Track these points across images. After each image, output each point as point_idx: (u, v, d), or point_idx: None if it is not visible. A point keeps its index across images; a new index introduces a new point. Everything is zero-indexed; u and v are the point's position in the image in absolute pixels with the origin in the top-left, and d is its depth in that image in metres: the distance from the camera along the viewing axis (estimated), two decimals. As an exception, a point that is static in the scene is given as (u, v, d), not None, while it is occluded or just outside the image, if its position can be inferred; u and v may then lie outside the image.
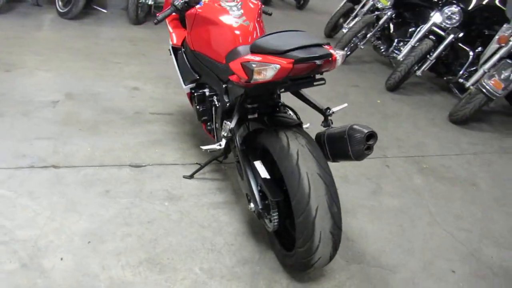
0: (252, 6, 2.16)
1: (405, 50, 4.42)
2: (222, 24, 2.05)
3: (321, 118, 1.95)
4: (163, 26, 5.31)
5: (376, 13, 4.98)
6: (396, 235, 2.28)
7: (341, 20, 6.12)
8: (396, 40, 4.89)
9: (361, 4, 5.45)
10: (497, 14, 4.11)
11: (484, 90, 3.57)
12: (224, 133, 2.05)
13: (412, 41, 4.41)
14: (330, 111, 1.86)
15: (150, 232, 2.03)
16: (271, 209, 1.77)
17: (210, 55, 2.15)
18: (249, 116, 1.92)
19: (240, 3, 2.14)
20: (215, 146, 2.15)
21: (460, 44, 4.32)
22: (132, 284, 1.74)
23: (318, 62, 1.46)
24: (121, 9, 6.02)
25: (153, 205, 2.22)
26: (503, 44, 3.68)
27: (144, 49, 4.59)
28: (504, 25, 3.71)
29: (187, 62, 2.39)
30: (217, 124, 2.27)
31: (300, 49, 1.45)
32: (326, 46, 1.53)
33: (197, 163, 2.56)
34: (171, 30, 2.58)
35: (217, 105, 2.21)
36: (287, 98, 2.13)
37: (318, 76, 1.73)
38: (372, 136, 1.63)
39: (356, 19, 5.13)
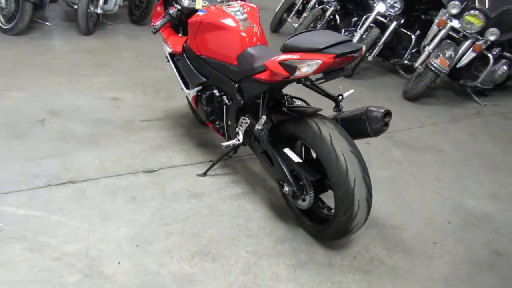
0: (252, 10, 2.36)
1: (355, 39, 4.83)
2: (230, 28, 2.23)
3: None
4: (116, 35, 5.32)
5: (321, 6, 5.35)
6: (395, 200, 2.62)
7: (284, 15, 6.45)
8: (343, 30, 5.31)
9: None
10: (433, 0, 4.65)
11: (432, 68, 4.07)
12: (241, 129, 2.24)
13: (361, 30, 4.83)
14: (342, 97, 2.13)
15: (189, 228, 2.17)
16: (307, 188, 2.01)
17: (219, 58, 2.32)
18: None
19: (241, 8, 2.34)
20: (234, 141, 2.34)
21: (402, 30, 4.82)
22: (193, 275, 1.89)
23: (355, 55, 1.72)
24: (63, 20, 5.87)
25: (181, 204, 2.35)
26: (441, 27, 4.20)
27: (106, 59, 4.57)
28: (442, 10, 4.23)
29: (191, 67, 2.53)
30: (229, 122, 2.44)
31: (336, 46, 1.69)
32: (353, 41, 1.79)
33: (210, 161, 2.71)
34: (165, 38, 2.69)
35: (228, 104, 2.38)
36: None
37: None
38: (388, 114, 1.92)
39: (305, 13, 5.47)
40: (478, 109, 4.37)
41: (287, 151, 2.05)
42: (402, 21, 4.78)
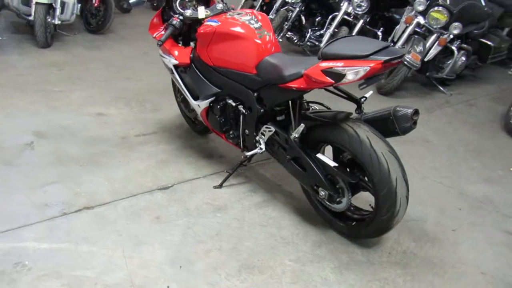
0: (263, 18, 2.35)
1: (326, 37, 4.96)
2: (247, 37, 2.21)
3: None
4: (75, 46, 5.06)
5: (286, 7, 5.43)
6: (406, 193, 2.73)
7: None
8: (310, 30, 5.42)
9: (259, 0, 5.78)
10: (396, -1, 4.90)
11: (406, 63, 4.28)
12: (262, 137, 2.24)
13: (330, 30, 4.97)
14: (365, 99, 2.19)
15: (226, 243, 2.14)
16: (344, 191, 2.05)
17: (236, 68, 2.29)
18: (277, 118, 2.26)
19: (253, 16, 2.33)
20: (257, 151, 2.33)
21: (368, 27, 5.03)
22: (246, 290, 1.86)
23: (402, 59, 1.77)
24: (13, 33, 5.48)
25: (209, 219, 2.30)
26: (408, 24, 4.43)
27: (74, 72, 4.33)
28: (408, 7, 4.47)
29: (203, 78, 2.48)
30: (246, 131, 2.41)
31: (379, 52, 1.73)
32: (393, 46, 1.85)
33: (226, 171, 2.67)
34: (168, 49, 2.60)
35: (245, 113, 2.36)
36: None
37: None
38: (416, 112, 2.01)
39: (271, 15, 5.51)
40: (445, 98, 4.66)
41: (321, 156, 2.08)
42: (367, 19, 4.97)
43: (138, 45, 5.30)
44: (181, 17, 2.49)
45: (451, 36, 4.35)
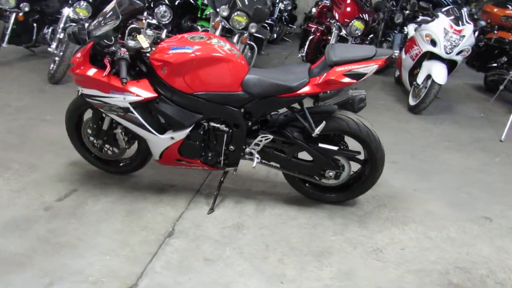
0: (223, 39, 2.48)
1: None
2: (227, 59, 2.32)
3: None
4: None
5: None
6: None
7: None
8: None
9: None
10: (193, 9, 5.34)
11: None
12: (256, 147, 2.47)
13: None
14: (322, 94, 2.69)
15: (282, 248, 2.29)
16: (345, 165, 2.55)
17: (219, 90, 2.34)
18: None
19: (217, 39, 2.42)
20: (256, 160, 2.52)
21: (170, 35, 5.32)
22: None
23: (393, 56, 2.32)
24: None
25: (242, 239, 2.35)
26: (216, 28, 5.03)
27: None
28: (212, 12, 5.03)
29: (180, 108, 2.37)
30: (231, 147, 2.51)
31: (376, 53, 2.26)
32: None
33: (215, 193, 2.65)
34: (112, 87, 2.31)
35: (231, 131, 2.46)
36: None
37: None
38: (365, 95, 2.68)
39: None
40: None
41: (323, 145, 2.49)
42: (170, 28, 5.26)
43: None
44: (124, 49, 2.27)
45: (250, 34, 5.22)
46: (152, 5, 5.11)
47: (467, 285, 2.10)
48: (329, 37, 5.30)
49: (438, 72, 4.49)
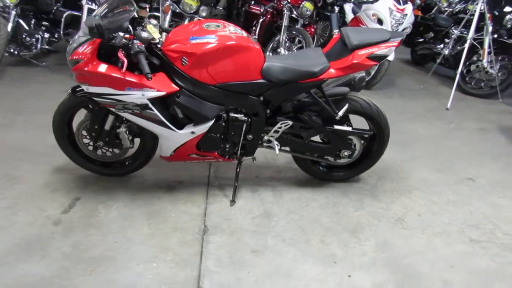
0: (234, 25, 2.40)
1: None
2: (249, 47, 2.26)
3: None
4: None
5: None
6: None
7: None
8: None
9: None
10: None
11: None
12: (274, 134, 2.49)
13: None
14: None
15: (319, 230, 2.36)
16: (357, 143, 2.67)
17: (240, 79, 2.28)
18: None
19: (233, 27, 2.34)
20: (277, 148, 2.54)
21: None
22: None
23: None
24: None
25: (276, 227, 2.37)
26: (167, 12, 4.80)
27: None
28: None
29: (203, 101, 2.27)
30: (249, 137, 2.48)
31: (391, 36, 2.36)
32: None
33: (235, 184, 2.59)
34: (137, 81, 2.14)
35: (250, 120, 2.44)
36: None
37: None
38: (364, 75, 2.82)
39: None
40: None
41: (338, 126, 2.58)
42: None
43: None
44: (137, 41, 2.11)
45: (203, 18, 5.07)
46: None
47: (483, 239, 2.38)
48: (279, 19, 5.36)
49: (387, 49, 4.82)
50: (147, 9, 3.93)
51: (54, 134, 2.53)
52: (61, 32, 4.89)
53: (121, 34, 2.06)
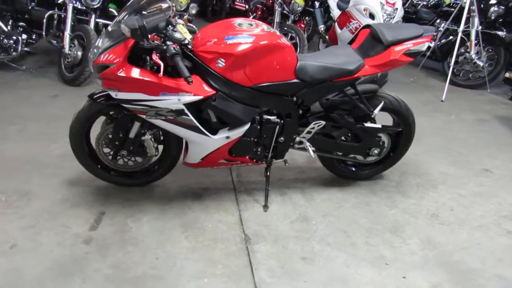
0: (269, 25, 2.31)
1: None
2: (285, 46, 2.18)
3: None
4: None
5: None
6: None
7: None
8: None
9: None
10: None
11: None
12: (307, 135, 2.42)
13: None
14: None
15: (360, 231, 2.31)
16: (385, 140, 2.64)
17: (276, 80, 2.18)
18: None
19: (266, 25, 2.25)
20: (311, 149, 2.47)
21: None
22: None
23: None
24: None
25: (315, 230, 2.31)
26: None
27: None
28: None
29: (239, 104, 2.16)
30: (281, 139, 2.40)
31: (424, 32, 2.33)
32: None
33: (267, 189, 2.50)
34: (173, 85, 2.01)
35: (283, 122, 2.35)
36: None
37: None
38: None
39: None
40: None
41: (369, 124, 2.53)
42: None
43: None
44: (170, 43, 1.98)
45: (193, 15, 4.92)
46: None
47: (519, 230, 2.41)
48: (269, 16, 5.28)
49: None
50: (173, 8, 3.73)
51: (71, 145, 2.35)
52: (43, 33, 4.60)
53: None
